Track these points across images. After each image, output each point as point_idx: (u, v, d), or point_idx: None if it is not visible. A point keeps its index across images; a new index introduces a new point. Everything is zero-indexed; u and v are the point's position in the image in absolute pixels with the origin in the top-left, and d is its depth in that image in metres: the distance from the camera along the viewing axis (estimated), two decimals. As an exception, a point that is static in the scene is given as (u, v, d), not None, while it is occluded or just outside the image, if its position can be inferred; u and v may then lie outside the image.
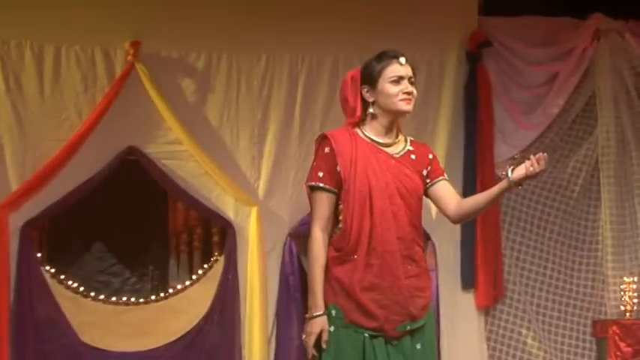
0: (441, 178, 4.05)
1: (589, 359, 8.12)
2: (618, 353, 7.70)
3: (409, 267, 3.95)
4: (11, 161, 7.37)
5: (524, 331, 8.08)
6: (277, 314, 7.62)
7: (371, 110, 3.99)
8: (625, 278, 8.02)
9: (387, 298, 3.88)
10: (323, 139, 3.95)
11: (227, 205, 7.65)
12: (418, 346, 3.92)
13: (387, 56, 4.02)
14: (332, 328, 3.86)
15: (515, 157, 8.21)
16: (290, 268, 7.70)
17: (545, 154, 3.91)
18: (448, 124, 8.07)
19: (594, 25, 8.30)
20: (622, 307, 7.99)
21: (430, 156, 4.08)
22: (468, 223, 7.98)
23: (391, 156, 3.99)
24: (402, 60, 4.02)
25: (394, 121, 4.09)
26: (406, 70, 4.02)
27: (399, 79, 3.97)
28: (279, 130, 7.79)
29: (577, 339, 8.17)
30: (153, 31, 7.55)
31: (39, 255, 7.53)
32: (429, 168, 4.03)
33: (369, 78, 3.98)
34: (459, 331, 7.94)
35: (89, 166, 7.41)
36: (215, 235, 7.89)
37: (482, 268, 7.94)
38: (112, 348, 7.49)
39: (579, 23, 8.34)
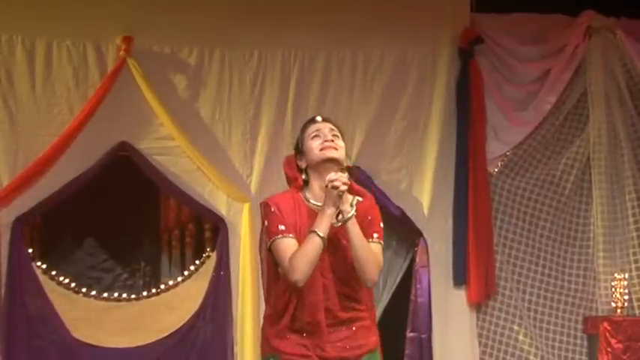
0: (369, 240, 4.03)
1: (580, 355, 8.14)
2: (609, 349, 7.71)
3: (338, 333, 3.98)
4: (2, 156, 7.35)
5: (515, 328, 8.09)
6: (269, 310, 7.61)
7: (303, 177, 4.04)
8: (616, 275, 8.04)
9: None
10: (266, 205, 4.02)
11: (219, 201, 7.65)
12: None
13: (306, 122, 4.12)
14: None
15: (507, 153, 8.22)
16: (282, 265, 7.68)
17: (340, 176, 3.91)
18: (440, 121, 8.07)
19: (586, 23, 8.31)
20: (613, 304, 8.00)
21: (369, 217, 4.08)
22: (459, 220, 8.00)
23: (332, 227, 4.00)
24: (318, 118, 4.12)
25: None
26: (324, 125, 4.10)
27: (317, 133, 4.03)
28: (271, 126, 7.79)
29: (568, 335, 8.18)
30: (145, 26, 7.54)
31: (30, 251, 7.51)
32: (365, 229, 4.03)
33: (298, 147, 4.11)
34: (451, 328, 7.95)
35: (81, 162, 7.40)
36: (207, 231, 7.89)
37: (473, 264, 7.94)
38: (104, 344, 7.48)
39: (571, 20, 8.35)
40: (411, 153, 8.05)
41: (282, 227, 3.95)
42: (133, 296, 7.66)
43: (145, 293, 7.69)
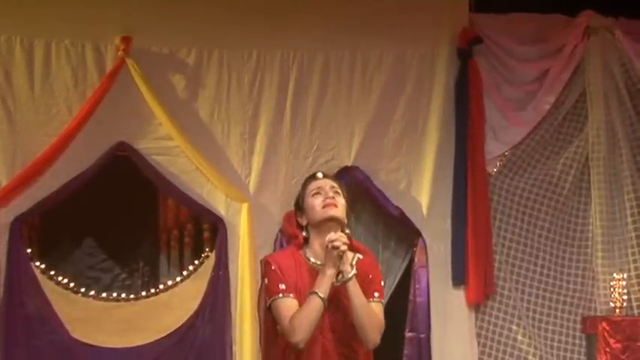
0: (368, 300, 4.00)
1: (579, 355, 8.14)
2: (607, 349, 7.72)
3: None
4: (1, 156, 7.35)
5: (514, 328, 8.09)
6: (268, 311, 7.61)
7: (304, 234, 4.02)
8: (615, 275, 8.04)
9: None
10: (267, 263, 3.99)
11: (218, 201, 7.65)
12: None
13: (307, 179, 4.10)
14: None
15: (506, 153, 8.22)
16: (281, 265, 7.69)
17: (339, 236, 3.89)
18: (439, 121, 8.07)
19: (585, 23, 8.31)
20: (611, 304, 8.00)
21: (370, 276, 4.05)
22: (458, 220, 8.00)
23: (333, 285, 3.98)
24: (319, 175, 4.10)
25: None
26: (324, 182, 4.08)
27: (318, 190, 4.01)
28: (270, 127, 7.78)
29: (567, 335, 8.18)
30: (144, 26, 7.54)
31: (29, 251, 7.51)
32: (365, 287, 4.00)
33: (298, 204, 4.09)
34: (450, 328, 7.95)
35: (79, 162, 7.40)
36: (206, 231, 7.88)
37: (472, 264, 7.94)
38: (103, 344, 7.47)
39: (570, 20, 8.35)
40: (410, 153, 8.05)
41: (282, 286, 3.93)
42: (131, 296, 7.66)
43: (143, 293, 7.69)
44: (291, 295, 3.90)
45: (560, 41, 8.29)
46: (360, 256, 4.01)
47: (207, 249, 7.81)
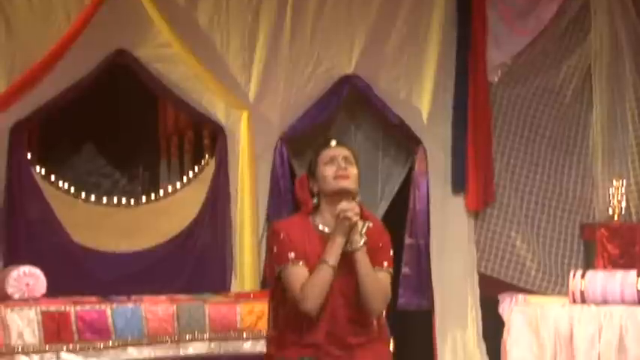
0: (375, 268, 3.98)
1: (577, 261, 8.19)
2: (605, 255, 7.77)
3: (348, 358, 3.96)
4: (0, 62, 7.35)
5: (513, 234, 8.14)
6: (268, 217, 7.67)
7: (315, 201, 3.98)
8: (614, 182, 8.06)
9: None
10: (275, 232, 3.97)
11: (217, 108, 7.64)
12: None
13: (320, 145, 4.04)
14: None
15: (508, 62, 8.19)
16: (281, 172, 7.72)
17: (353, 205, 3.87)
18: (440, 29, 8.02)
19: None
20: (610, 210, 8.04)
21: (380, 244, 4.02)
22: (459, 128, 8.01)
23: (342, 250, 3.95)
24: (333, 143, 4.04)
25: None
26: (338, 151, 4.01)
27: (331, 160, 3.97)
28: (270, 35, 7.74)
29: (565, 241, 8.23)
30: None
31: (29, 156, 7.54)
32: (374, 255, 3.98)
33: (310, 170, 4.02)
34: (449, 234, 8.01)
35: (79, 69, 7.36)
36: (206, 138, 7.90)
37: (472, 172, 7.97)
38: (104, 248, 7.54)
39: None
40: (411, 61, 8.02)
41: (291, 255, 3.90)
42: (132, 202, 7.70)
43: (143, 199, 7.73)
44: (301, 262, 3.90)
45: (563, -53, 8.21)
46: (371, 224, 4.00)
47: (207, 156, 7.83)
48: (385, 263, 4.01)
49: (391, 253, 4.09)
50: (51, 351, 6.18)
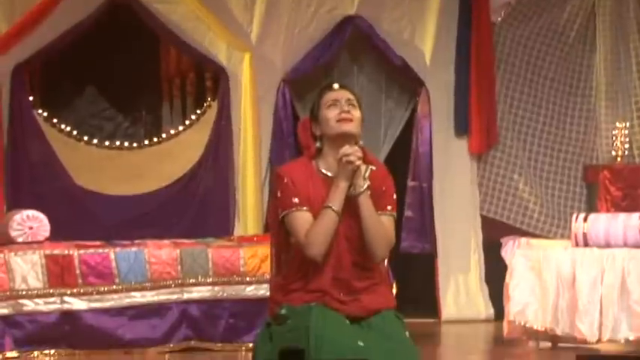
0: (379, 212, 3.94)
1: (579, 203, 8.21)
2: (608, 197, 7.78)
3: (353, 302, 3.93)
4: (0, 5, 7.28)
5: (515, 177, 8.14)
6: (270, 159, 7.67)
7: (317, 144, 3.93)
8: (617, 124, 8.04)
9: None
10: (279, 176, 3.92)
11: (219, 50, 7.60)
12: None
13: (322, 88, 3.97)
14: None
15: (511, 2, 8.12)
16: (283, 114, 7.71)
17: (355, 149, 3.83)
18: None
19: None
20: (613, 152, 8.03)
21: (383, 188, 3.97)
22: (462, 70, 7.98)
23: (346, 194, 3.92)
24: (335, 86, 3.96)
25: None
26: (341, 94, 3.94)
27: (334, 103, 3.90)
28: (272, -25, 7.70)
29: (568, 183, 8.24)
30: None
31: (31, 98, 7.52)
32: (377, 199, 3.94)
33: (313, 113, 3.96)
34: (452, 177, 8.01)
35: (79, 10, 7.33)
36: (208, 80, 7.86)
37: (475, 114, 7.95)
38: (107, 191, 7.56)
39: None
40: (414, 1, 7.96)
41: (295, 200, 3.86)
42: (134, 145, 7.70)
43: (146, 142, 7.73)
44: (305, 207, 3.86)
45: None
46: (373, 168, 3.96)
47: (209, 98, 7.80)
48: (389, 207, 3.98)
49: (395, 196, 4.07)
50: (55, 295, 6.19)
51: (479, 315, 7.91)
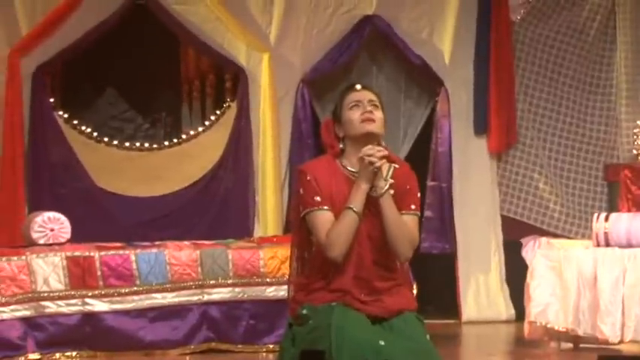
0: (403, 212, 3.93)
1: (600, 202, 8.18)
2: (629, 196, 7.75)
3: (375, 303, 3.93)
4: (21, 7, 7.31)
5: (535, 176, 8.12)
6: (290, 160, 7.67)
7: (341, 146, 3.93)
8: (638, 122, 8.02)
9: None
10: (302, 173, 3.92)
11: (238, 50, 7.61)
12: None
13: (345, 89, 3.97)
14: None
15: (530, 0, 8.10)
16: (302, 114, 7.71)
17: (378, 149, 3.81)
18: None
19: None
20: (634, 151, 8.01)
21: (407, 187, 3.97)
22: (481, 69, 7.96)
23: (368, 194, 3.92)
24: (358, 87, 3.96)
25: None
26: (363, 95, 3.94)
27: (356, 103, 3.90)
28: (290, -25, 7.70)
29: (589, 183, 8.21)
30: None
31: (52, 100, 7.55)
32: (401, 198, 3.93)
33: (336, 114, 3.96)
34: (471, 176, 7.99)
35: (100, 12, 7.36)
36: (227, 81, 7.88)
37: (495, 113, 7.94)
38: (127, 192, 7.58)
39: None
40: (432, 0, 7.95)
41: (317, 199, 3.86)
42: (154, 146, 7.72)
43: (166, 143, 7.75)
44: (326, 207, 3.86)
45: None
46: (396, 166, 3.96)
47: (228, 99, 7.82)
48: (413, 206, 3.98)
49: (419, 195, 4.07)
50: (76, 297, 6.21)
51: (499, 316, 7.89)
